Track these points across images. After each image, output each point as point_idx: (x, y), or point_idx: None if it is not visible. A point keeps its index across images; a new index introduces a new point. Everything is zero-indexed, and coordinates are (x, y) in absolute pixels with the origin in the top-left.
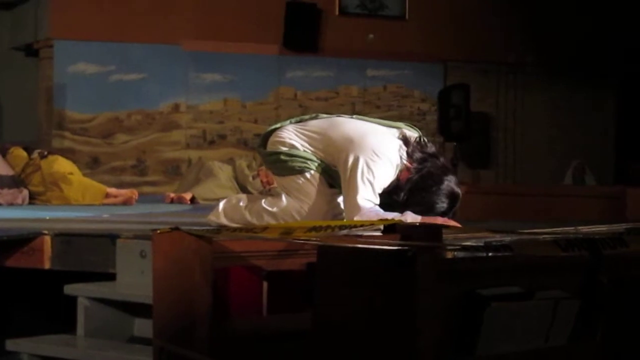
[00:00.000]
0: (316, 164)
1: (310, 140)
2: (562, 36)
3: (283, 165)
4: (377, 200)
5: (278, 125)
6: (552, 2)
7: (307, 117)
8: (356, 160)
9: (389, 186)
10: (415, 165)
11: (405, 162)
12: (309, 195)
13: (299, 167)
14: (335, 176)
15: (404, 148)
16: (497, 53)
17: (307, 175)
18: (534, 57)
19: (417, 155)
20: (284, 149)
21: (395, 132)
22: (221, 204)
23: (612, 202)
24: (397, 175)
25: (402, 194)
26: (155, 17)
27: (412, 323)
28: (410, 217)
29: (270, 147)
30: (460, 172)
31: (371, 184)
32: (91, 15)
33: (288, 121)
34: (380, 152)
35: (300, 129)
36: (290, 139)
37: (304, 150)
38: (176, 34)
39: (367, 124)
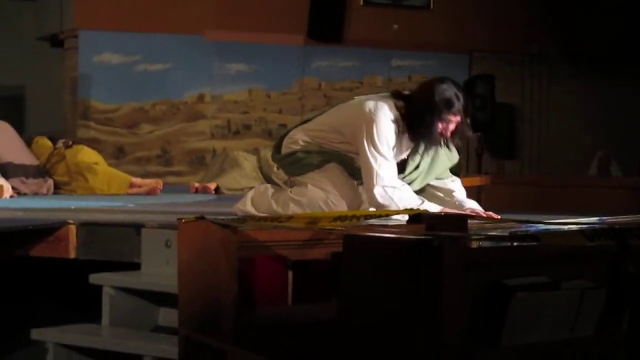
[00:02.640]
0: (333, 156)
1: (321, 134)
2: (587, 26)
3: (302, 163)
4: (390, 155)
5: (286, 131)
6: None
7: (311, 115)
8: (360, 129)
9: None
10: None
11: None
12: (333, 186)
13: (318, 161)
14: (354, 165)
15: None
16: (522, 43)
17: (327, 167)
18: (558, 48)
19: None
20: (298, 147)
21: (386, 94)
22: (249, 193)
23: (638, 193)
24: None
25: (412, 119)
26: (179, 7)
27: (437, 313)
28: (433, 208)
29: (284, 151)
30: (485, 163)
31: (379, 143)
32: (116, 6)
33: (294, 126)
34: (377, 109)
35: (308, 127)
36: (302, 138)
37: (318, 145)
38: (201, 24)
39: (359, 97)
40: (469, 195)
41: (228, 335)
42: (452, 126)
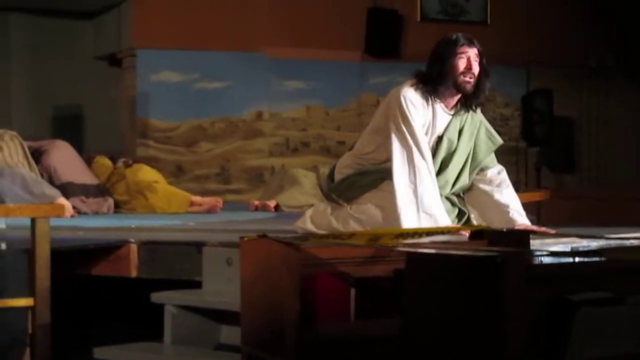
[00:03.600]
0: (387, 173)
1: (369, 155)
2: None
3: (357, 185)
4: (420, 136)
5: (335, 162)
6: (634, 4)
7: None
8: (387, 118)
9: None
10: None
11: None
12: (391, 203)
13: (373, 180)
14: None
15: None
16: (579, 57)
17: (383, 185)
18: (615, 61)
19: None
20: (351, 172)
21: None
22: (309, 211)
23: None
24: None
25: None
26: (236, 24)
27: (500, 328)
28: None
29: (337, 178)
30: (543, 177)
31: (404, 125)
32: (173, 24)
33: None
34: (396, 92)
35: (354, 152)
36: (352, 162)
37: (369, 165)
38: (258, 41)
39: None
40: (529, 210)
41: (291, 353)
42: (465, 59)
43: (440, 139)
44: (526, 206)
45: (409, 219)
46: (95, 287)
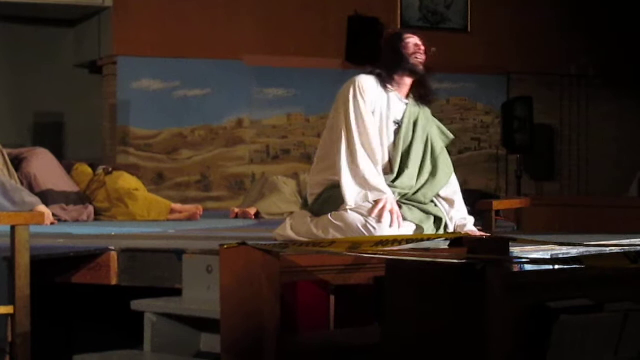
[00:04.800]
0: None
1: (332, 170)
2: (625, 47)
3: (333, 199)
4: (371, 125)
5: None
6: (615, 13)
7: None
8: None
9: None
10: None
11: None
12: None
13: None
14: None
15: None
16: (560, 65)
17: None
18: (597, 69)
19: None
20: (322, 189)
21: None
22: (289, 219)
23: None
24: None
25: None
26: (217, 32)
27: (481, 336)
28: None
29: (311, 200)
30: (524, 185)
31: (354, 121)
32: (154, 32)
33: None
34: (354, 84)
35: (318, 166)
36: (322, 180)
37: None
38: (238, 49)
39: None
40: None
41: None
42: (412, 43)
43: (399, 126)
44: (507, 213)
45: (352, 195)
46: (75, 295)
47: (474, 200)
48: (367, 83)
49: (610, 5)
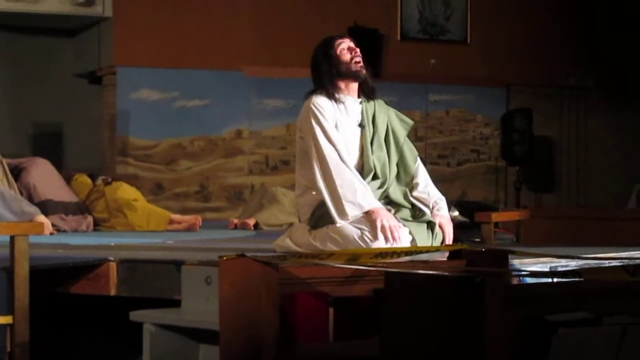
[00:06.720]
0: None
1: (315, 191)
2: (625, 59)
3: (327, 215)
4: (337, 141)
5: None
6: (614, 25)
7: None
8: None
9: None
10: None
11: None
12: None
13: None
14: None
15: None
16: (560, 77)
17: None
18: (596, 81)
19: None
20: (314, 207)
21: None
22: (288, 230)
23: None
24: None
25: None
26: (216, 43)
27: (480, 349)
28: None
29: (304, 219)
30: (523, 197)
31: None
32: (154, 42)
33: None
34: (312, 106)
35: (301, 196)
36: (311, 200)
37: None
38: (238, 59)
39: None
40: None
41: None
42: (346, 47)
43: (362, 126)
44: (506, 225)
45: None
46: (74, 305)
47: (473, 212)
48: (321, 101)
49: (609, 18)
